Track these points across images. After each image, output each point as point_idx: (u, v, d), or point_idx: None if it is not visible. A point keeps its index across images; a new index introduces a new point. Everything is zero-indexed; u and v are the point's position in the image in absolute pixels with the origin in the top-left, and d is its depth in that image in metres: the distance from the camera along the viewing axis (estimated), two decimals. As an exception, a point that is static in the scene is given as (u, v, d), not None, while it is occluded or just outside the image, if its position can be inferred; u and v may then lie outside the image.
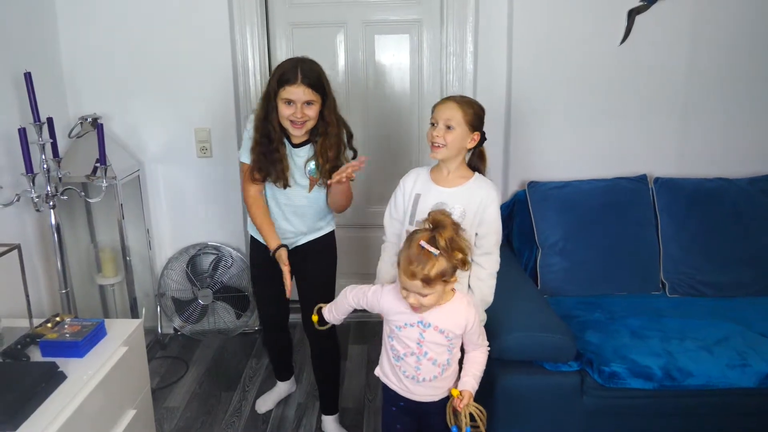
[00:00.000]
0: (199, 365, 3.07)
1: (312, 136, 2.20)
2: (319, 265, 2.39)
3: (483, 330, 1.88)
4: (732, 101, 2.98)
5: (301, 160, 2.21)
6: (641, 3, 2.85)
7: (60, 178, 2.51)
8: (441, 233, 1.66)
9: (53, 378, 1.73)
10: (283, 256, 2.18)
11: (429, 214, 1.74)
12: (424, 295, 1.68)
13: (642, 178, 2.92)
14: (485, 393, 2.26)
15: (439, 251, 1.64)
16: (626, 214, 2.81)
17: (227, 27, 2.98)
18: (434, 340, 1.77)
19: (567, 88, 2.98)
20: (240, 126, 3.12)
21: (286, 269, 2.17)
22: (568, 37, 2.92)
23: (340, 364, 2.54)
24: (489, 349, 1.89)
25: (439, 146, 1.94)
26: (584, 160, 3.03)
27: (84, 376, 1.79)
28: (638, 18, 2.86)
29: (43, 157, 2.39)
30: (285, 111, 2.09)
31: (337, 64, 3.26)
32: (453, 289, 1.77)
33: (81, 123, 2.88)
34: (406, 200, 2.04)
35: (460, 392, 1.78)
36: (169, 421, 2.63)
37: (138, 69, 3.01)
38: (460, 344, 1.84)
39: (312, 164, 2.20)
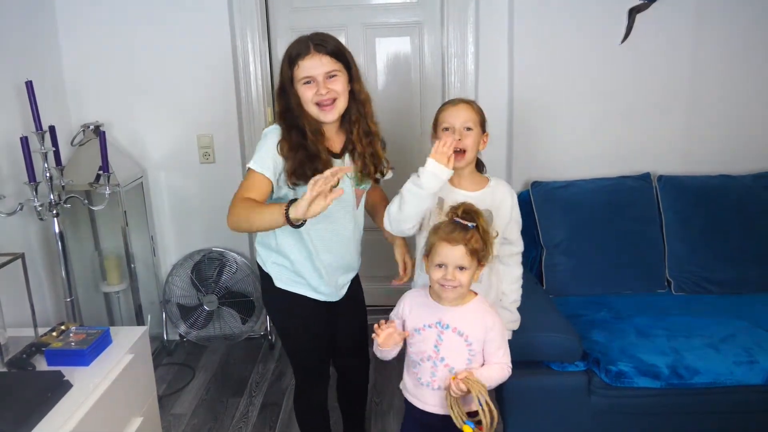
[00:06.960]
0: (206, 371, 3.07)
1: (347, 143, 1.86)
2: (355, 317, 2.13)
3: (506, 345, 1.76)
4: (734, 98, 2.96)
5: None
6: (642, 1, 2.83)
7: (63, 186, 2.52)
8: (477, 216, 1.65)
9: (59, 387, 1.73)
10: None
11: (460, 204, 1.68)
12: (462, 268, 1.61)
13: (645, 177, 2.90)
14: (492, 393, 2.26)
15: (474, 224, 1.63)
16: (630, 213, 2.80)
17: (228, 32, 2.98)
18: (452, 344, 1.70)
19: (569, 87, 2.97)
20: (242, 131, 3.12)
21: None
22: (568, 36, 2.91)
23: (368, 385, 2.31)
24: (510, 370, 1.75)
25: (461, 152, 1.80)
26: (587, 160, 3.02)
27: (90, 385, 1.79)
28: (639, 16, 2.85)
29: (46, 165, 2.39)
30: (307, 93, 1.68)
31: (338, 68, 3.26)
32: (474, 292, 1.74)
33: (83, 131, 2.89)
34: None
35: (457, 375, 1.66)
36: (176, 427, 2.63)
37: (139, 76, 3.01)
38: (480, 356, 1.73)
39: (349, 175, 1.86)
